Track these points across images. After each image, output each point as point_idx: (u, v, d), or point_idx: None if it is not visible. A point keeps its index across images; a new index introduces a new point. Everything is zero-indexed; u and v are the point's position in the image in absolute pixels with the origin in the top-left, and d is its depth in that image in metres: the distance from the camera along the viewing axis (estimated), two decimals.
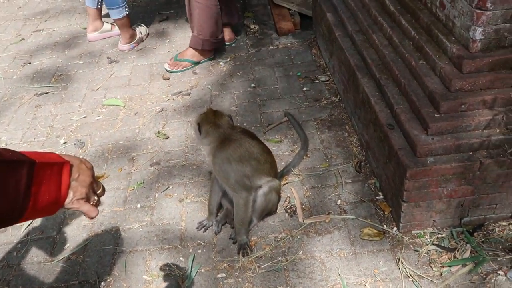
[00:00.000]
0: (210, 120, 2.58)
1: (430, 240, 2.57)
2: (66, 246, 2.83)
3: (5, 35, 5.40)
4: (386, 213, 2.76)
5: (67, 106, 4.08)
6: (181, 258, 2.67)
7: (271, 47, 4.58)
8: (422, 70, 2.71)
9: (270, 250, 2.65)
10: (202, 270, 2.59)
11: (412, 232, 2.63)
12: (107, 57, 4.72)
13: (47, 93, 4.29)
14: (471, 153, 2.47)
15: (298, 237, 2.70)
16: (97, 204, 1.51)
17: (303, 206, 2.89)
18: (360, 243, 2.62)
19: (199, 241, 2.76)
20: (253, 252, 2.65)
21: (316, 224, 2.77)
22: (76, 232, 2.92)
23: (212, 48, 4.38)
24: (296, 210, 2.87)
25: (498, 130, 2.47)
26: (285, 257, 2.60)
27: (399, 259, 2.50)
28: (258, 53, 4.51)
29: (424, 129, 2.51)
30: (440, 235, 2.59)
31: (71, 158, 1.43)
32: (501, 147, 2.46)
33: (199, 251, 2.70)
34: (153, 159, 3.40)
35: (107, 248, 2.78)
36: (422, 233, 2.62)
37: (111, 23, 5.02)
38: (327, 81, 3.98)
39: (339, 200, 2.89)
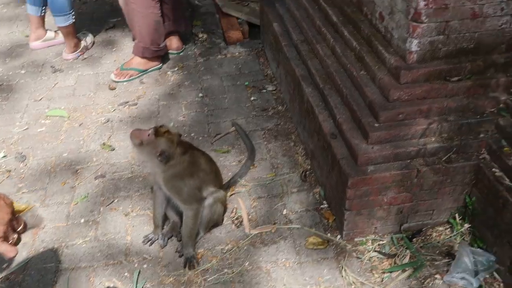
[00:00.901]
0: (172, 145, 2.51)
1: (372, 247, 2.64)
2: (4, 265, 2.72)
3: None
4: (330, 221, 2.81)
5: (8, 118, 3.94)
6: (126, 274, 2.63)
7: (219, 56, 4.58)
8: (363, 81, 2.79)
9: (217, 262, 2.65)
10: (148, 286, 2.56)
11: (355, 239, 2.69)
12: (51, 66, 4.59)
13: None
14: (408, 161, 2.55)
15: (245, 248, 2.71)
16: (17, 242, 1.43)
17: (250, 217, 2.90)
18: (305, 252, 2.66)
19: (145, 256, 2.72)
20: (199, 265, 2.64)
21: (263, 234, 2.78)
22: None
23: (154, 56, 4.33)
24: (242, 221, 2.87)
25: (433, 139, 2.57)
26: (232, 269, 2.60)
27: (342, 267, 2.55)
28: (206, 62, 4.50)
29: (365, 138, 2.58)
30: (381, 242, 2.67)
31: None
32: (436, 155, 2.56)
33: (145, 266, 2.66)
34: (98, 172, 3.33)
35: (49, 266, 2.70)
36: (364, 240, 2.68)
37: (55, 31, 4.89)
38: (274, 90, 4.02)
39: (285, 210, 2.92)
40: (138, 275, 2.60)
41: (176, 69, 4.45)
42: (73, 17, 4.52)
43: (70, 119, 3.88)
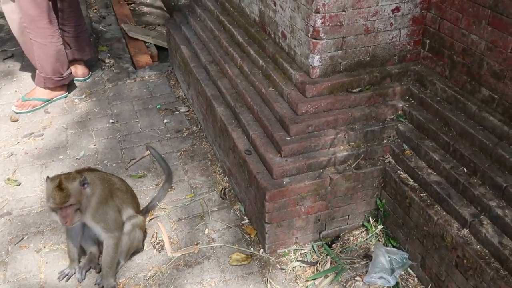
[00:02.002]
0: (79, 175, 2.41)
1: (294, 257, 2.70)
2: None
3: None
4: (252, 236, 2.84)
5: None
6: None
7: (128, 80, 4.51)
8: (272, 97, 2.88)
9: None
10: None
11: (278, 251, 2.74)
12: None
13: None
14: (321, 170, 2.66)
15: (168, 272, 2.66)
16: None
17: (171, 240, 2.85)
18: (230, 269, 2.66)
19: None
20: None
21: (186, 256, 2.75)
22: None
23: (57, 86, 4.16)
24: (164, 245, 2.82)
25: (342, 147, 2.71)
26: None
27: (267, 280, 2.58)
28: (115, 88, 4.41)
29: (278, 152, 2.66)
30: (303, 251, 2.74)
31: None
32: (346, 162, 2.69)
33: None
34: (3, 209, 3.11)
35: None
36: (286, 251, 2.74)
37: None
38: (187, 111, 4.03)
39: (207, 229, 2.91)
40: None
41: (83, 96, 4.31)
42: None
43: None
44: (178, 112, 4.03)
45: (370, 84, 2.81)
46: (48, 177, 2.37)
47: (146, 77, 4.56)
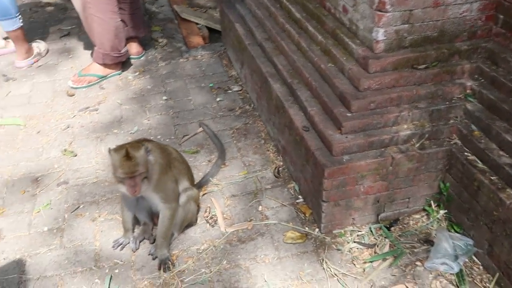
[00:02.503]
0: (141, 143, 2.41)
1: (351, 238, 2.61)
2: None
3: None
4: (307, 215, 2.76)
5: None
6: (96, 280, 2.48)
7: (181, 59, 4.50)
8: (332, 73, 2.78)
9: (193, 262, 2.54)
10: None
11: (334, 231, 2.65)
12: (3, 75, 4.38)
13: None
14: (383, 149, 2.55)
15: (221, 246, 2.62)
16: None
17: (224, 215, 2.81)
18: (284, 247, 2.59)
19: (116, 260, 2.58)
20: (175, 267, 2.52)
21: (239, 232, 2.70)
22: None
23: (115, 63, 4.20)
24: (217, 220, 2.79)
25: (405, 126, 2.58)
26: (209, 268, 2.50)
27: (323, 260, 2.50)
28: (168, 66, 4.41)
29: (338, 128, 2.56)
30: (360, 233, 2.64)
31: None
32: (409, 142, 2.57)
33: (116, 271, 2.52)
34: (60, 178, 3.16)
35: (11, 278, 2.51)
36: (342, 232, 2.65)
37: (5, 39, 4.67)
38: (240, 90, 3.98)
39: (260, 206, 2.86)
40: (110, 280, 2.46)
41: (137, 73, 4.33)
42: (21, 21, 4.32)
43: (27, 127, 3.68)
44: (230, 91, 3.98)
45: (437, 60, 2.66)
46: (110, 148, 2.36)
47: (199, 56, 4.54)
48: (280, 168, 3.12)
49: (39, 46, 4.65)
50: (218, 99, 3.89)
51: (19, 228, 2.80)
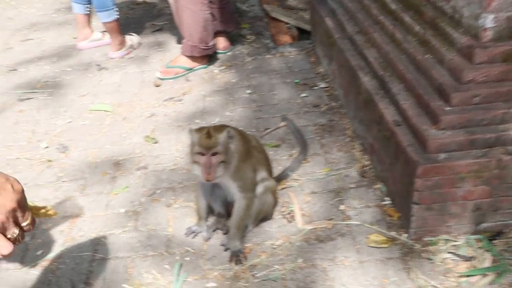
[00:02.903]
0: (222, 127, 2.33)
1: (445, 248, 2.32)
2: (39, 252, 2.55)
3: None
4: (394, 218, 2.51)
5: (52, 112, 3.86)
6: (166, 266, 2.40)
7: (268, 56, 4.40)
8: (429, 64, 2.51)
9: (266, 258, 2.38)
10: (190, 279, 2.32)
11: (424, 239, 2.37)
12: (97, 65, 4.53)
13: (31, 98, 4.07)
14: (487, 149, 2.25)
15: (298, 244, 2.44)
16: (18, 239, 1.18)
17: (303, 212, 2.64)
18: (367, 251, 2.36)
19: (187, 248, 2.49)
20: (247, 260, 2.38)
21: (317, 230, 2.51)
22: (52, 238, 2.64)
23: (202, 55, 4.19)
24: (294, 215, 2.61)
25: None
26: (283, 265, 2.33)
27: (410, 268, 2.24)
28: (254, 61, 4.33)
29: (434, 123, 2.30)
30: (455, 243, 2.34)
31: None
32: None
33: (187, 259, 2.43)
34: (140, 164, 3.15)
35: (85, 255, 2.51)
36: (434, 240, 2.36)
37: (102, 32, 4.85)
38: (327, 87, 3.79)
39: (342, 206, 2.64)
40: (180, 267, 2.37)
41: (223, 68, 4.29)
42: (117, 13, 4.46)
43: (114, 113, 3.76)
44: (316, 88, 3.81)
45: None
46: (191, 128, 2.29)
47: (286, 53, 4.42)
48: (366, 168, 2.89)
49: (132, 39, 4.78)
50: (303, 95, 3.73)
51: (97, 208, 2.81)
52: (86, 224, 2.71)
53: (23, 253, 2.55)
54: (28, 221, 1.21)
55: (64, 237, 2.63)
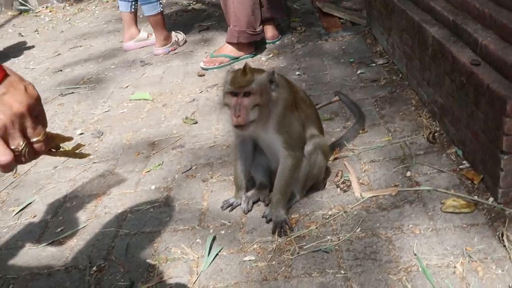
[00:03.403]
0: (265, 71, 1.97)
1: None
2: (59, 229, 2.26)
3: (43, 52, 5.20)
4: (475, 182, 2.02)
5: (91, 103, 3.67)
6: (198, 240, 2.03)
7: (319, 41, 4.05)
8: None
9: (317, 228, 1.96)
10: (225, 253, 1.93)
11: None
12: (141, 61, 4.36)
13: (73, 93, 3.92)
14: None
15: (355, 213, 2.00)
16: (24, 155, 0.98)
17: (361, 181, 2.20)
18: (443, 217, 1.88)
19: (223, 221, 2.11)
20: (293, 231, 1.97)
21: (379, 198, 2.06)
22: (75, 215, 2.35)
23: (249, 41, 3.90)
24: (350, 184, 2.18)
25: None
26: (337, 235, 1.90)
27: (502, 234, 1.74)
28: (304, 47, 3.98)
29: None
30: None
31: (11, 72, 0.96)
32: None
33: (222, 232, 2.05)
34: (176, 143, 2.85)
35: (108, 231, 2.19)
36: None
37: (148, 33, 4.71)
38: (386, 63, 3.36)
39: (409, 172, 2.19)
40: (213, 241, 1.99)
41: (270, 55, 3.98)
42: (161, 6, 4.29)
43: (154, 101, 3.50)
44: (374, 64, 3.39)
45: None
46: (230, 68, 1.96)
47: (340, 38, 4.05)
48: (436, 134, 2.42)
49: (177, 35, 4.59)
50: (359, 71, 3.32)
51: (126, 186, 2.51)
52: (112, 201, 2.40)
53: (41, 231, 2.27)
54: (39, 137, 1.01)
55: (87, 214, 2.34)
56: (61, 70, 4.51)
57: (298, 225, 2.00)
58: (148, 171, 2.60)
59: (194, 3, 6.23)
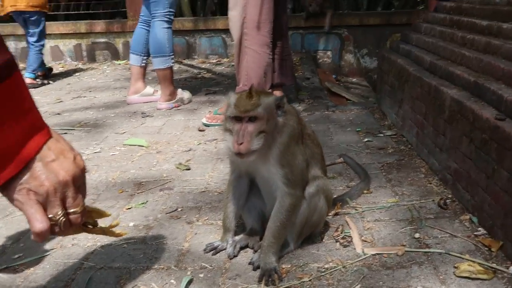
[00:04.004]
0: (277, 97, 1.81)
1: None
2: (17, 256, 1.99)
3: (45, 99, 5.11)
4: (493, 250, 1.78)
5: (83, 144, 3.50)
6: (172, 281, 1.76)
7: (326, 112, 3.96)
8: None
9: (310, 281, 1.69)
10: None
11: None
12: (142, 113, 4.25)
13: (66, 133, 3.76)
14: None
15: (355, 269, 1.75)
16: (59, 224, 0.99)
17: (363, 238, 1.96)
18: (456, 282, 1.63)
19: (203, 264, 1.85)
20: (282, 281, 1.70)
21: (383, 257, 1.81)
22: (38, 244, 2.08)
23: None
24: (351, 240, 1.94)
25: None
26: None
27: None
28: (310, 116, 3.89)
29: None
30: None
31: (59, 137, 1.02)
32: None
33: (201, 275, 1.78)
34: (165, 185, 2.63)
35: (71, 262, 1.92)
36: None
37: (154, 89, 4.66)
38: (394, 135, 3.23)
39: (417, 234, 1.95)
40: (190, 283, 1.71)
41: None
42: (173, 61, 4.27)
43: (149, 148, 3.33)
44: (382, 135, 3.26)
45: None
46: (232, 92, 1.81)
47: (347, 110, 3.96)
48: (447, 200, 2.21)
49: (184, 93, 4.53)
50: (365, 139, 3.18)
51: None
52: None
53: None
54: (77, 208, 1.01)
55: (52, 244, 2.07)
56: (59, 114, 4.40)
57: (288, 276, 1.73)
58: (129, 208, 2.36)
59: (204, 72, 6.29)
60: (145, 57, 4.48)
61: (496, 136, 1.83)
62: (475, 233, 1.92)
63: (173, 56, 4.29)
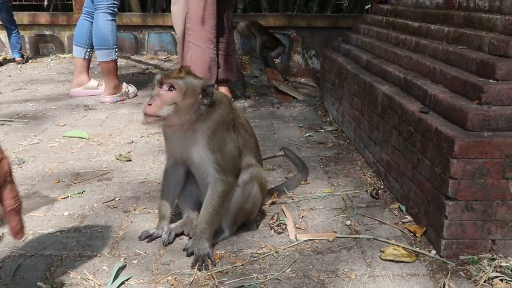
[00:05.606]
0: (211, 83, 1.85)
1: (490, 269, 1.66)
2: None
3: None
4: (418, 235, 1.88)
5: (21, 135, 3.38)
6: (104, 267, 1.74)
7: (271, 108, 4.02)
8: (463, 53, 2.08)
9: (243, 265, 1.72)
10: (133, 282, 1.65)
11: (461, 257, 1.72)
12: (85, 105, 4.16)
13: (3, 124, 3.63)
14: None
15: (287, 254, 1.79)
16: None
17: (297, 225, 2.01)
18: (381, 265, 1.70)
19: (138, 251, 1.84)
20: (215, 266, 1.72)
21: (315, 242, 1.87)
22: None
23: None
24: (286, 228, 1.98)
25: None
26: (264, 274, 1.67)
27: (444, 285, 1.56)
28: (256, 112, 3.93)
29: (475, 98, 1.80)
30: (506, 264, 1.68)
31: None
32: None
33: (135, 262, 1.77)
34: (104, 176, 2.59)
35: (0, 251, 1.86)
36: (476, 258, 1.71)
37: (99, 83, 4.57)
38: (335, 130, 3.33)
39: (349, 221, 2.03)
40: (121, 269, 1.71)
41: None
42: (116, 54, 4.20)
43: (90, 140, 3.27)
44: (323, 131, 3.35)
45: None
46: None
47: (291, 107, 4.03)
48: (379, 191, 2.30)
49: (129, 87, 4.47)
50: (307, 134, 3.26)
51: (36, 209, 2.21)
52: None
53: None
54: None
55: None
56: None
57: (222, 261, 1.76)
58: (65, 198, 2.31)
59: (152, 68, 6.22)
60: (89, 49, 4.39)
61: (420, 128, 1.93)
62: (403, 220, 2.02)
63: (117, 49, 4.22)
